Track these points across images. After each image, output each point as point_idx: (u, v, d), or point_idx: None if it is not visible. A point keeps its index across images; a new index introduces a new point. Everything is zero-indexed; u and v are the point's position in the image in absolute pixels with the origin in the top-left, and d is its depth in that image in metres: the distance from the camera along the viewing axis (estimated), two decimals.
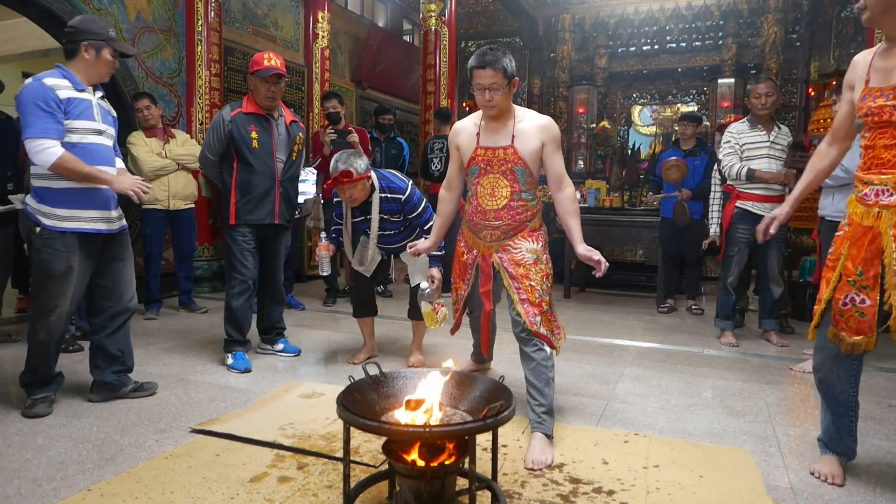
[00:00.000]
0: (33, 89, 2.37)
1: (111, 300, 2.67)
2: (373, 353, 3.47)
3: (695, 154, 4.98)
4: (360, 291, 3.37)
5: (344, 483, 1.65)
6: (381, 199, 3.07)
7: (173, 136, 4.62)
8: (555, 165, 2.36)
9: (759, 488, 1.94)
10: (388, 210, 3.10)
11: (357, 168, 2.95)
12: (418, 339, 3.40)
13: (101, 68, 2.54)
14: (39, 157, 2.35)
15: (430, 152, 5.55)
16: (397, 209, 3.10)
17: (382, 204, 3.08)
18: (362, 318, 3.40)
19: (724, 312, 3.97)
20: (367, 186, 3.04)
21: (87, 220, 2.51)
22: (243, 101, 3.28)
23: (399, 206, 3.10)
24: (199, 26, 5.45)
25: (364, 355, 3.42)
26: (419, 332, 3.40)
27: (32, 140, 2.34)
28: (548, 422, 2.24)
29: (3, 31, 7.33)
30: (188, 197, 4.64)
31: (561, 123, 8.80)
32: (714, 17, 8.28)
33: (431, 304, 3.03)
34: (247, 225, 3.24)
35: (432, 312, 3.04)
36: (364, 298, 3.37)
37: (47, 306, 2.49)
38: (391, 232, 3.18)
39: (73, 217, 2.48)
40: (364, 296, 3.37)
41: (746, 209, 3.77)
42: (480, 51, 2.26)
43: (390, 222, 3.14)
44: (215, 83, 5.60)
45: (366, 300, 3.38)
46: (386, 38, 9.32)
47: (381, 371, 1.82)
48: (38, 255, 2.46)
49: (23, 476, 1.99)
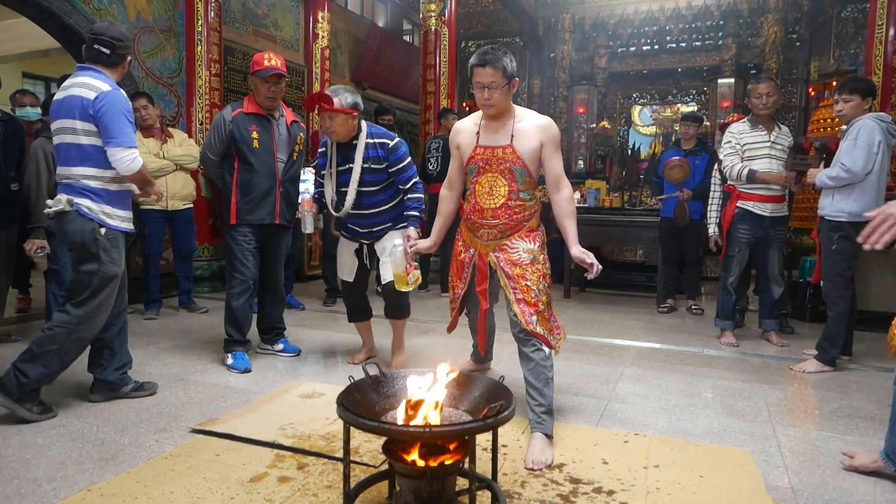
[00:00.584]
0: (119, 99, 2.48)
1: (119, 296, 2.71)
2: (372, 353, 3.44)
3: (696, 154, 4.99)
4: (351, 299, 3.29)
5: (344, 483, 1.64)
6: (366, 146, 2.96)
7: (171, 136, 4.60)
8: (553, 166, 2.37)
9: (759, 488, 1.94)
10: (373, 158, 2.96)
11: (341, 100, 2.86)
12: (398, 339, 3.28)
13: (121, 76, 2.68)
14: (130, 165, 2.49)
15: (427, 152, 5.56)
16: (383, 156, 2.96)
17: (368, 150, 2.95)
18: (357, 322, 3.36)
19: (724, 312, 3.97)
20: (350, 125, 2.92)
21: (129, 220, 2.68)
22: (244, 101, 3.28)
23: (385, 154, 2.96)
24: (199, 26, 5.45)
25: (363, 355, 3.40)
26: (398, 332, 3.28)
27: (125, 148, 2.47)
28: (547, 422, 2.24)
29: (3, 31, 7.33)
30: (186, 197, 4.63)
31: (561, 123, 8.80)
32: (714, 17, 8.28)
33: (403, 265, 2.89)
34: (247, 225, 3.24)
35: (403, 274, 2.91)
36: (355, 305, 3.31)
37: (105, 306, 2.57)
38: (372, 188, 3.00)
39: (126, 217, 2.66)
40: (355, 303, 3.30)
41: (747, 209, 3.77)
42: (481, 49, 2.27)
43: (372, 172, 2.97)
44: (215, 83, 5.59)
45: (358, 307, 3.31)
46: (386, 38, 9.33)
47: (381, 371, 1.82)
48: (107, 254, 2.53)
49: (23, 476, 1.99)
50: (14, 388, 2.41)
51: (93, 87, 2.44)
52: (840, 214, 3.24)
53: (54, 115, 2.51)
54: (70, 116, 2.44)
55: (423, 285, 5.93)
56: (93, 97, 2.42)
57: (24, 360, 2.44)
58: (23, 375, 2.41)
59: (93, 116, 2.43)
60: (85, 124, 2.44)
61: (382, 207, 3.05)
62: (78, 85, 2.46)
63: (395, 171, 3.01)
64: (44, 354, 2.45)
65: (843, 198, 3.24)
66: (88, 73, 2.51)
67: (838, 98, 3.31)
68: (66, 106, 2.46)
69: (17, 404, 2.41)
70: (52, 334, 2.46)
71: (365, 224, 3.08)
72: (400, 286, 2.98)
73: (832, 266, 3.28)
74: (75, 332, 2.50)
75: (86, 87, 2.44)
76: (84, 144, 2.46)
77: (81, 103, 2.43)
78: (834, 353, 3.34)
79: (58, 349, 2.47)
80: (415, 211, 2.99)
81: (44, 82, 9.79)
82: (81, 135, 2.46)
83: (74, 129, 2.45)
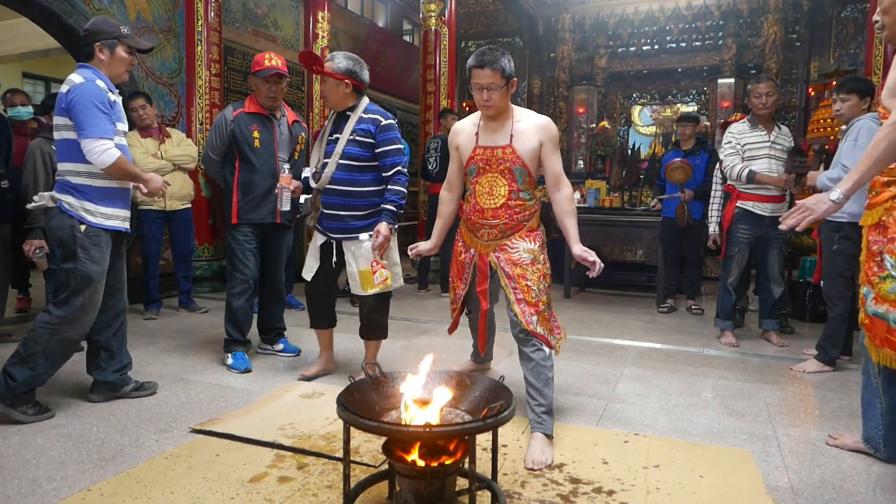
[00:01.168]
0: (90, 90, 2.41)
1: (115, 298, 2.69)
2: (327, 368, 3.13)
3: (695, 154, 4.99)
4: (311, 301, 3.05)
5: (344, 483, 1.65)
6: (359, 119, 2.81)
7: (169, 136, 4.59)
8: (553, 165, 2.37)
9: (759, 488, 1.94)
10: (362, 131, 2.79)
11: (334, 63, 2.76)
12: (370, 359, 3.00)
13: (117, 67, 2.57)
14: (101, 158, 2.40)
15: (427, 152, 5.56)
16: (373, 131, 2.78)
17: (359, 122, 2.80)
18: (318, 329, 3.10)
19: (724, 312, 3.97)
20: (340, 92, 2.78)
21: (122, 218, 2.60)
22: (246, 101, 3.29)
23: (375, 129, 2.78)
24: (199, 26, 5.45)
25: (317, 368, 3.09)
26: (370, 353, 3.02)
27: (94, 140, 2.38)
28: (547, 422, 2.24)
29: (3, 31, 7.33)
30: (184, 197, 4.62)
31: (561, 123, 8.81)
32: (714, 17, 8.28)
33: (370, 262, 2.72)
34: (248, 224, 3.24)
35: (368, 272, 2.72)
36: (315, 309, 3.05)
37: (89, 306, 2.50)
38: (354, 162, 2.79)
39: (113, 215, 2.56)
40: (314, 306, 3.04)
41: (747, 209, 3.77)
42: (479, 51, 2.27)
43: (358, 145, 2.78)
44: (215, 83, 5.59)
45: (317, 311, 3.05)
46: (386, 38, 9.33)
47: (381, 371, 1.82)
48: (86, 252, 2.45)
49: (23, 476, 1.99)
50: (5, 393, 2.40)
51: (68, 82, 2.44)
52: (841, 215, 3.23)
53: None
54: (56, 113, 2.47)
55: (423, 285, 5.94)
56: (66, 90, 2.42)
57: (12, 363, 2.42)
58: (11, 379, 2.40)
59: (65, 110, 2.42)
60: (62, 119, 2.45)
61: (361, 189, 2.81)
62: (64, 82, 2.48)
63: (381, 152, 2.79)
64: (30, 357, 2.42)
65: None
66: (78, 69, 2.52)
67: (836, 98, 3.31)
68: (55, 104, 2.49)
69: (10, 408, 2.40)
70: (35, 335, 2.43)
71: (340, 206, 2.83)
72: (366, 287, 2.78)
73: (833, 266, 3.28)
74: (58, 332, 2.45)
75: (65, 83, 2.45)
76: (66, 139, 2.47)
77: (59, 98, 2.45)
78: (834, 353, 3.34)
79: (42, 350, 2.43)
80: (391, 204, 2.77)
81: (44, 82, 9.78)
82: (63, 130, 2.46)
83: (57, 125, 2.47)
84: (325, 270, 2.96)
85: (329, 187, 2.85)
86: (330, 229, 2.89)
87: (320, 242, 2.95)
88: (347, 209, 2.83)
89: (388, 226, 2.74)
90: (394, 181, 2.80)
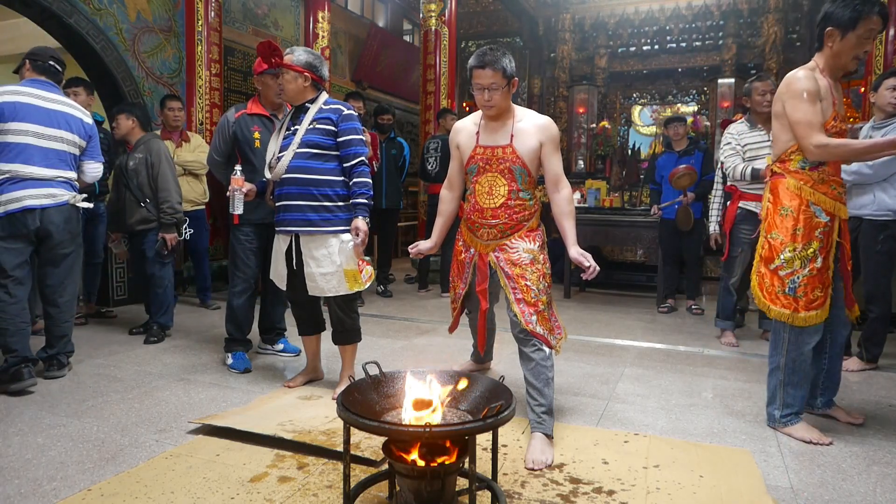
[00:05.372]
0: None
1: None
2: (315, 376, 3.03)
3: (689, 153, 4.99)
4: (294, 307, 2.95)
5: (344, 483, 1.65)
6: (319, 110, 2.70)
7: (188, 139, 4.69)
8: (553, 165, 2.37)
9: (759, 488, 1.94)
10: (323, 119, 2.68)
11: (297, 57, 2.66)
12: (348, 366, 2.86)
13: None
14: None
15: (426, 152, 5.56)
16: (334, 119, 2.68)
17: (319, 113, 2.70)
18: (305, 336, 2.98)
19: (724, 313, 3.97)
20: (299, 85, 2.67)
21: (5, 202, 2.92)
22: (248, 102, 3.31)
23: (336, 118, 2.68)
24: (199, 26, 5.45)
25: (303, 378, 2.99)
26: (346, 358, 2.87)
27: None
28: (548, 422, 2.24)
29: (3, 31, 7.33)
30: (197, 199, 4.70)
31: (561, 123, 8.80)
32: (714, 17, 8.28)
33: (355, 261, 2.65)
34: (250, 224, 3.25)
35: (356, 271, 2.67)
36: (299, 314, 2.94)
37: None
38: (314, 150, 2.66)
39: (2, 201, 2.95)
40: (301, 311, 2.92)
41: (749, 209, 3.76)
42: (480, 51, 2.27)
43: (318, 133, 2.67)
44: (215, 83, 5.60)
45: (303, 316, 2.93)
46: (386, 38, 9.33)
47: (381, 371, 1.82)
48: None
49: (23, 476, 1.99)
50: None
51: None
52: (886, 213, 3.17)
53: None
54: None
55: (424, 285, 5.93)
56: None
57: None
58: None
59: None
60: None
61: (319, 177, 2.67)
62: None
63: (343, 141, 2.67)
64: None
65: (886, 195, 3.17)
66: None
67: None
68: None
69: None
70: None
71: (296, 195, 2.68)
72: (353, 285, 2.68)
73: (878, 266, 3.22)
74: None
75: None
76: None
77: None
78: (877, 351, 3.35)
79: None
80: (362, 197, 2.63)
81: None
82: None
83: None
84: (298, 277, 2.78)
85: (284, 177, 2.70)
86: (285, 221, 2.72)
87: (285, 248, 2.79)
88: (304, 198, 2.68)
89: (365, 220, 2.63)
90: (358, 173, 2.67)
